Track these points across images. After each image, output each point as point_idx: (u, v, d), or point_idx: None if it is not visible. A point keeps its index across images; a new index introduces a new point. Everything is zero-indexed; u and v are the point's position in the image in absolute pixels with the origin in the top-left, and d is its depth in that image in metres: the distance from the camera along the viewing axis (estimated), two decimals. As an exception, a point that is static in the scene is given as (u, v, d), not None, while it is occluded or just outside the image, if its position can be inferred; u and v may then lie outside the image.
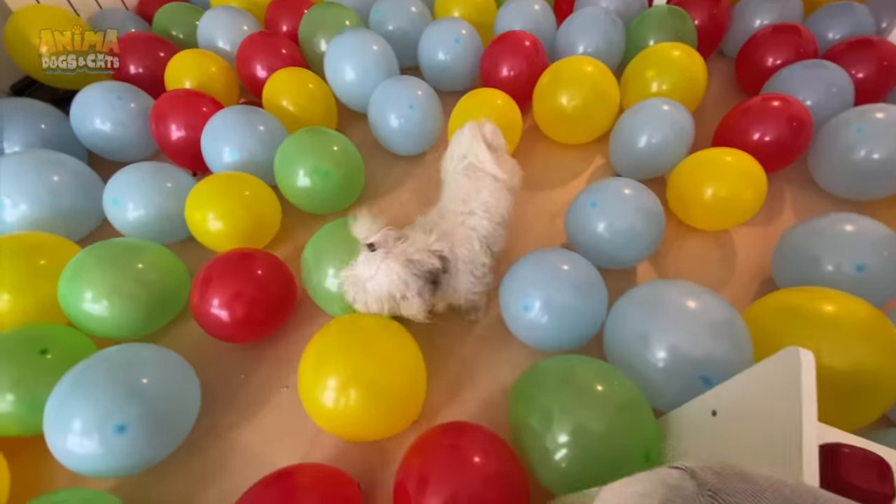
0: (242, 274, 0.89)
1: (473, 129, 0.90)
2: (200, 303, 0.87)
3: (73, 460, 0.70)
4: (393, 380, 0.74)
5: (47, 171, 1.04)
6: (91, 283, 0.85)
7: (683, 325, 0.75)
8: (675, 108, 1.09)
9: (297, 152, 1.07)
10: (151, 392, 0.74)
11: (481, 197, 0.86)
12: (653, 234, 0.95)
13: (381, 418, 0.74)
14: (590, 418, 0.67)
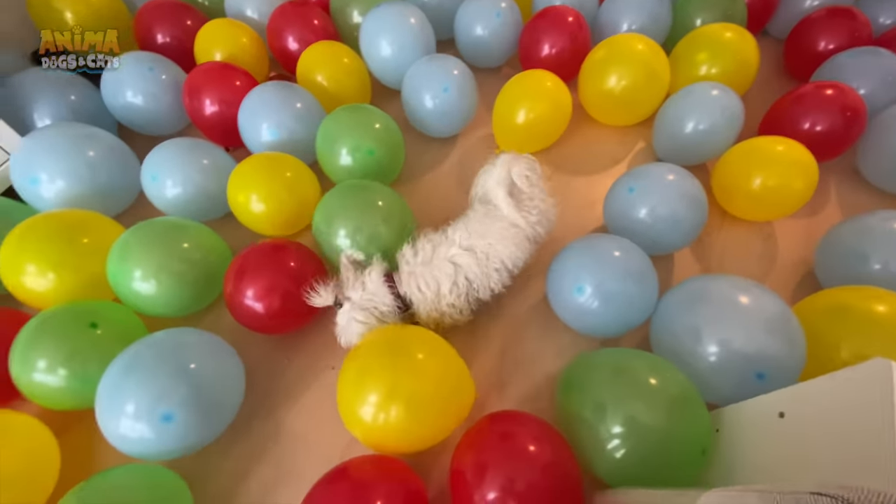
0: (275, 267, 0.87)
1: (504, 166, 0.85)
2: (234, 294, 0.86)
3: (124, 444, 0.72)
4: (437, 392, 0.72)
5: (83, 146, 1.02)
6: (139, 263, 0.85)
7: (737, 321, 0.74)
8: (725, 94, 1.05)
9: (340, 129, 1.05)
10: (199, 377, 0.75)
11: (486, 239, 0.83)
12: (695, 222, 0.94)
13: (428, 431, 0.74)
14: (644, 411, 0.68)
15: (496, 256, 0.83)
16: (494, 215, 0.85)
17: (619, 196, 0.98)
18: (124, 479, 0.70)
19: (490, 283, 0.85)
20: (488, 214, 0.85)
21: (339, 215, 0.93)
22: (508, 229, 0.84)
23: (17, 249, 0.88)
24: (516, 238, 0.84)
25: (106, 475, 0.70)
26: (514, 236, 0.84)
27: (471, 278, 0.83)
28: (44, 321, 0.80)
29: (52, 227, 0.90)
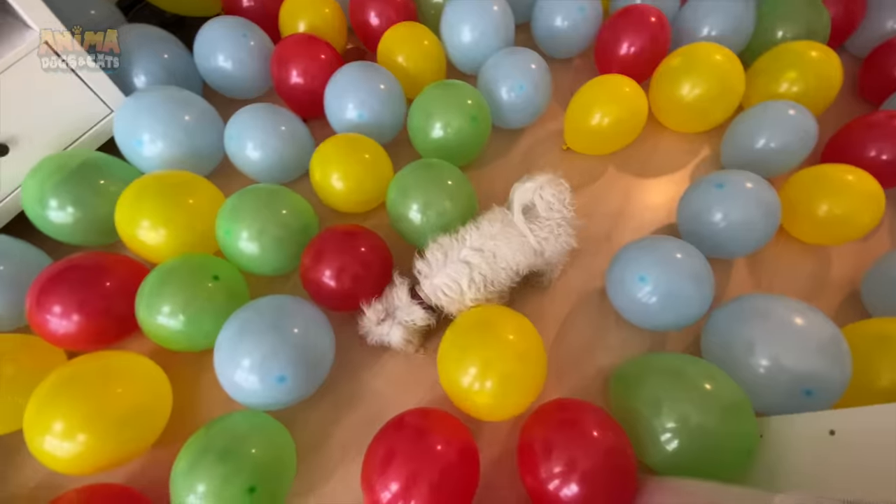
0: (349, 251, 0.94)
1: (534, 186, 0.87)
2: (310, 274, 0.93)
3: (237, 392, 0.82)
4: (526, 368, 0.83)
5: (180, 110, 1.08)
6: (246, 224, 0.94)
7: (792, 340, 0.81)
8: (802, 115, 1.08)
9: (436, 103, 1.12)
10: (302, 339, 0.84)
11: (495, 241, 0.88)
12: (765, 233, 0.99)
13: (511, 405, 0.85)
14: (698, 412, 0.76)
15: (502, 257, 0.88)
16: (509, 221, 0.90)
17: (702, 192, 1.02)
18: (242, 422, 0.80)
19: (501, 279, 0.92)
20: (504, 220, 0.90)
21: (412, 190, 1.00)
22: (517, 236, 0.89)
23: (133, 205, 0.96)
24: (523, 246, 0.89)
25: (226, 419, 0.81)
26: (522, 245, 0.89)
27: (485, 274, 0.89)
28: (169, 270, 0.89)
29: (163, 186, 0.98)
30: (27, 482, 0.89)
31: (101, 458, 0.78)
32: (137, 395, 0.82)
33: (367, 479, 0.76)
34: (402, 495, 0.71)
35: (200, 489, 0.71)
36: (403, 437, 0.76)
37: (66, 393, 0.77)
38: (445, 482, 0.72)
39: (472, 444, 0.79)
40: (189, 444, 0.77)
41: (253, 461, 0.74)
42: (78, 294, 0.88)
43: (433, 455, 0.73)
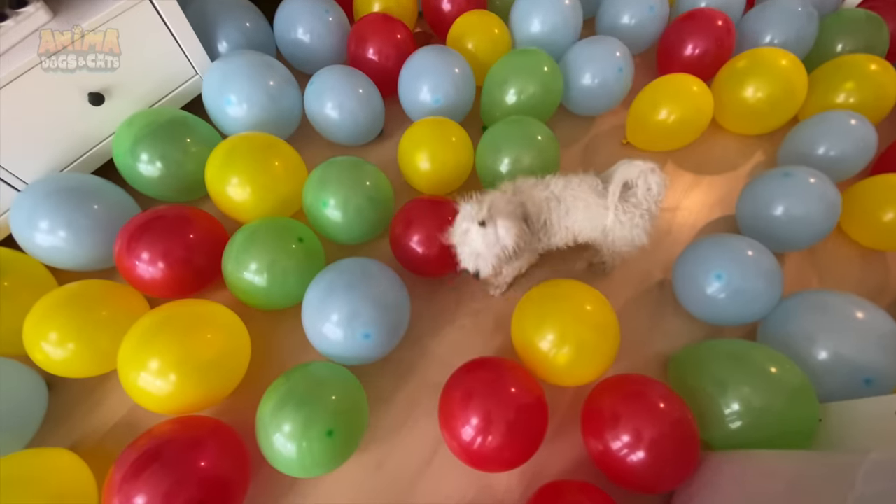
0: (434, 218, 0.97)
1: (644, 169, 0.86)
2: (400, 238, 0.98)
3: (323, 343, 0.87)
4: (601, 338, 0.87)
5: (265, 75, 1.12)
6: (333, 194, 0.98)
7: (852, 332, 0.86)
8: (863, 125, 1.12)
9: (510, 71, 1.19)
10: (384, 300, 0.88)
11: (576, 201, 0.89)
12: (825, 227, 1.03)
13: (585, 372, 0.89)
14: (763, 393, 0.80)
15: (572, 216, 0.90)
16: (597, 189, 0.90)
17: (768, 182, 1.06)
18: (321, 371, 0.84)
19: (559, 236, 0.92)
20: (592, 185, 0.90)
21: (504, 144, 1.07)
22: (596, 206, 0.88)
23: (224, 162, 1.00)
24: (596, 218, 0.89)
25: (306, 367, 0.85)
26: (596, 215, 0.89)
27: (550, 222, 0.90)
28: (257, 230, 0.93)
29: (252, 147, 1.02)
30: (108, 420, 0.94)
31: (189, 399, 0.82)
32: (223, 342, 0.86)
33: (446, 416, 0.81)
34: (482, 430, 0.76)
35: (286, 429, 0.75)
36: (481, 378, 0.81)
37: (161, 334, 0.81)
38: (520, 422, 0.77)
39: (542, 392, 0.84)
40: (273, 388, 0.82)
41: (331, 407, 0.79)
42: (164, 243, 0.93)
43: (509, 396, 0.78)
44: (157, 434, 0.77)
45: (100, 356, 0.88)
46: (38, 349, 0.84)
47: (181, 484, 0.71)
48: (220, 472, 0.76)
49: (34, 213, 0.93)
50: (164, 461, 0.72)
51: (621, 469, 0.78)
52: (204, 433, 0.79)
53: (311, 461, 0.77)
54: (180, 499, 0.70)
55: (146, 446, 0.74)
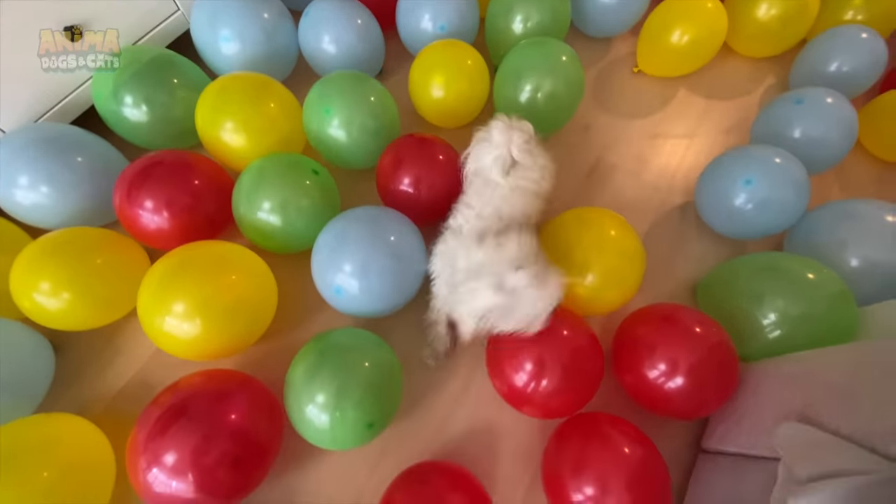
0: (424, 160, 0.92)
1: (502, 141, 0.80)
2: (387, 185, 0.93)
3: (335, 297, 0.83)
4: (627, 264, 0.85)
5: (259, 9, 1.03)
6: (337, 112, 0.93)
7: (884, 237, 0.85)
8: (873, 38, 1.10)
9: None
10: (397, 249, 0.82)
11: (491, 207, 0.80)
12: (844, 147, 1.01)
13: (613, 301, 0.88)
14: (802, 301, 0.79)
15: (509, 216, 0.80)
16: (494, 184, 0.81)
17: (780, 109, 1.04)
18: (347, 335, 0.80)
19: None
20: (487, 184, 0.81)
21: (525, 70, 1.01)
22: (513, 192, 0.81)
23: (215, 106, 0.93)
24: (523, 196, 0.82)
25: (335, 333, 0.80)
26: (519, 196, 0.81)
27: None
28: (267, 166, 0.87)
29: (245, 88, 0.94)
30: (118, 382, 0.89)
31: (215, 344, 0.78)
32: (249, 285, 0.81)
33: (496, 365, 0.78)
34: (536, 375, 0.73)
35: (319, 399, 0.71)
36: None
37: (182, 275, 0.75)
38: (575, 364, 0.75)
39: (593, 333, 0.81)
40: (302, 355, 0.77)
41: (365, 376, 0.73)
42: (168, 189, 0.86)
43: (562, 339, 0.75)
44: (182, 387, 0.72)
45: (100, 304, 0.83)
46: (30, 301, 0.78)
47: (212, 438, 0.66)
48: (253, 426, 0.71)
49: (11, 168, 0.85)
50: (191, 415, 0.67)
51: (659, 398, 0.76)
52: (233, 386, 0.74)
53: (343, 436, 0.73)
54: (212, 454, 0.66)
55: (171, 401, 0.69)
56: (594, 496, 0.66)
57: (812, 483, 0.50)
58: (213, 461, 0.66)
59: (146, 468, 0.65)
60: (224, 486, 0.67)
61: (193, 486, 0.65)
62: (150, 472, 0.65)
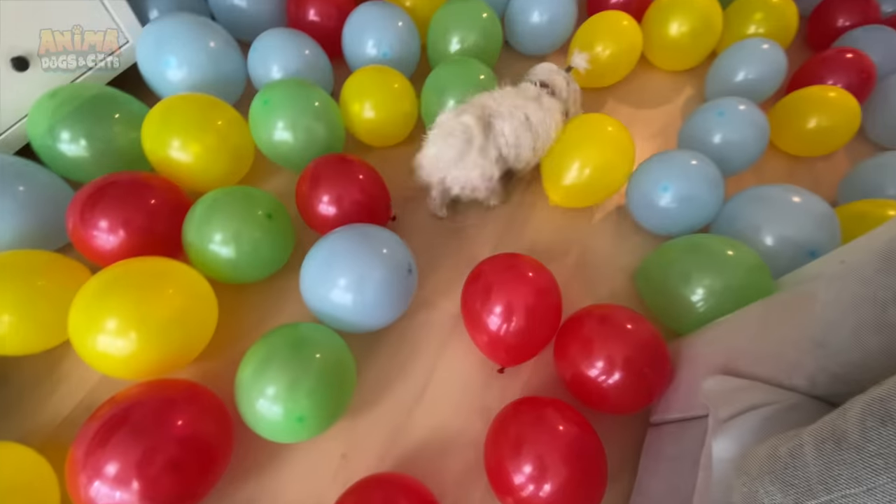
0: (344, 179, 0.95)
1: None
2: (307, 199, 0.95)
3: (323, 305, 0.83)
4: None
5: (205, 36, 1.08)
6: (282, 116, 0.98)
7: (792, 215, 0.94)
8: (774, 49, 1.25)
9: (450, 19, 1.23)
10: (390, 262, 0.84)
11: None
12: (758, 149, 1.13)
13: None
14: (724, 275, 0.85)
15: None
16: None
17: (703, 119, 1.14)
18: (304, 331, 0.79)
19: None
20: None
21: (447, 85, 1.11)
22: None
23: (162, 125, 0.95)
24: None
25: (287, 328, 0.79)
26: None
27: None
28: (219, 198, 0.88)
29: (192, 105, 0.98)
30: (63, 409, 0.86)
31: (152, 360, 0.76)
32: (187, 298, 0.80)
33: (470, 310, 0.84)
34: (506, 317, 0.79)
35: (270, 392, 0.70)
36: (497, 267, 0.85)
37: (116, 291, 0.74)
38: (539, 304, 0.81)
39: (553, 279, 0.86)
40: (253, 351, 0.76)
41: (317, 366, 0.74)
42: (123, 209, 0.86)
43: (526, 281, 0.82)
44: (123, 399, 0.69)
45: (42, 328, 0.81)
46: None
47: (156, 446, 0.64)
48: (200, 433, 0.69)
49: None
50: (133, 424, 0.65)
51: (600, 395, 0.79)
52: (177, 393, 0.72)
53: (297, 425, 0.73)
54: (157, 464, 0.64)
55: (111, 412, 0.66)
56: (533, 474, 0.67)
57: (730, 420, 0.54)
58: (158, 469, 0.64)
59: (87, 483, 0.63)
60: (171, 494, 0.65)
61: (139, 496, 0.63)
62: (92, 486, 0.62)
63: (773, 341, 0.60)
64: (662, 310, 0.95)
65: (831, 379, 0.50)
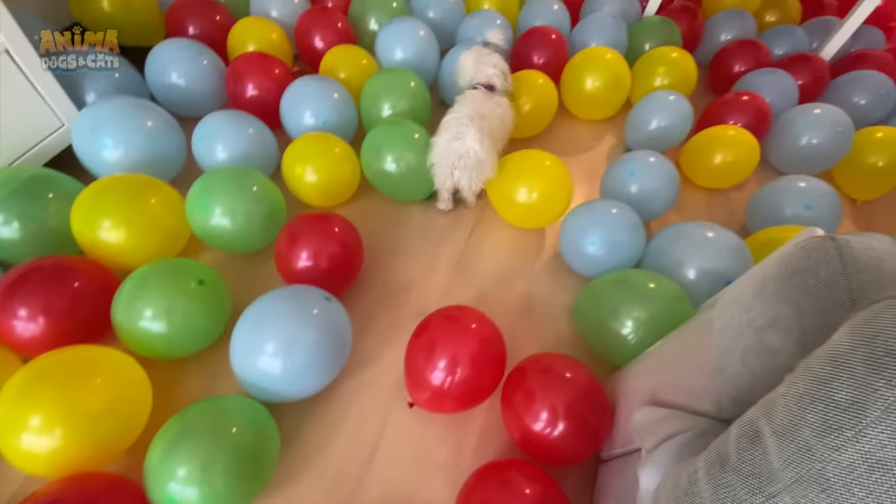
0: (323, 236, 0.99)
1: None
2: (286, 259, 0.98)
3: (254, 375, 0.81)
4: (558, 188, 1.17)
5: (142, 116, 1.10)
6: (219, 201, 0.99)
7: (708, 249, 1.02)
8: (679, 99, 1.38)
9: (381, 88, 1.30)
10: (321, 322, 0.84)
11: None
12: (671, 193, 1.22)
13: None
14: (648, 307, 0.91)
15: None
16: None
17: (619, 176, 1.24)
18: (220, 404, 0.78)
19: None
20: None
21: (384, 144, 1.17)
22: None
23: (92, 205, 0.95)
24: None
25: (200, 403, 0.78)
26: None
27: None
28: (147, 272, 0.88)
29: (123, 185, 0.98)
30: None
31: (79, 456, 0.72)
32: (117, 387, 0.77)
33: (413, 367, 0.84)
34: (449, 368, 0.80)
35: (181, 474, 0.68)
36: (439, 324, 0.86)
37: (42, 384, 0.71)
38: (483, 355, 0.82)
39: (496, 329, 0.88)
40: (163, 431, 0.73)
41: (234, 441, 0.72)
42: (44, 295, 0.84)
43: (470, 333, 0.83)
44: (42, 495, 0.65)
45: None
46: None
47: None
48: None
49: None
50: None
51: (546, 448, 0.80)
52: (101, 488, 0.69)
53: None
54: None
55: None
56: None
57: (654, 450, 0.57)
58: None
59: None
60: None
61: None
62: None
63: (684, 369, 0.64)
64: (599, 345, 0.99)
65: (732, 402, 0.54)
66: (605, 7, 1.75)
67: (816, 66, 1.60)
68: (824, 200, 1.18)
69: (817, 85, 1.61)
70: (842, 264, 0.45)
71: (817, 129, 1.37)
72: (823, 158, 1.41)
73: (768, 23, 1.95)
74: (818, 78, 1.60)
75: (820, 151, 1.39)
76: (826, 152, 1.39)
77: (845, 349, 0.32)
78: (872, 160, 1.38)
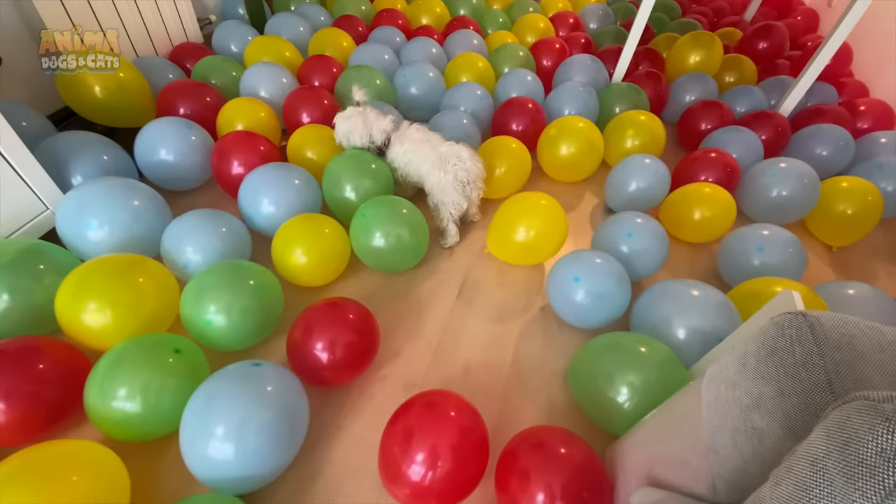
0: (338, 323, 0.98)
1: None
2: (300, 347, 0.96)
3: (205, 466, 0.77)
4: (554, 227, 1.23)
5: (128, 195, 1.12)
6: (213, 299, 0.97)
7: (694, 309, 1.03)
8: (654, 162, 1.44)
9: (341, 170, 1.31)
10: (275, 401, 0.82)
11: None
12: (662, 253, 1.24)
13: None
14: (641, 372, 0.90)
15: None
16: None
17: (613, 235, 1.26)
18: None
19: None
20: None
21: (374, 222, 1.17)
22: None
23: (77, 287, 0.93)
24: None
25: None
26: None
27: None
28: (124, 351, 0.86)
29: (109, 266, 0.97)
30: None
31: None
32: (94, 484, 0.73)
33: (389, 463, 0.79)
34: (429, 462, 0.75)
35: None
36: (417, 413, 0.82)
37: (14, 487, 0.68)
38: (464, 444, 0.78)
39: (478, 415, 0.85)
40: None
41: None
42: (6, 380, 0.81)
43: (449, 422, 0.79)
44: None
45: None
46: None
47: None
48: None
49: None
50: None
51: None
52: None
53: None
54: None
55: None
56: None
57: (652, 538, 0.54)
58: None
59: None
60: None
61: None
62: None
63: (677, 446, 0.63)
64: (595, 411, 0.97)
65: (727, 486, 0.52)
66: (576, 76, 1.87)
67: (777, 122, 1.70)
68: (786, 248, 1.24)
69: (779, 139, 1.70)
70: (815, 343, 0.45)
71: (784, 181, 1.44)
72: (795, 208, 1.46)
73: (728, 83, 2.08)
74: (780, 133, 1.69)
75: (790, 202, 1.44)
76: (796, 202, 1.44)
77: (822, 454, 0.32)
78: (841, 208, 1.44)
